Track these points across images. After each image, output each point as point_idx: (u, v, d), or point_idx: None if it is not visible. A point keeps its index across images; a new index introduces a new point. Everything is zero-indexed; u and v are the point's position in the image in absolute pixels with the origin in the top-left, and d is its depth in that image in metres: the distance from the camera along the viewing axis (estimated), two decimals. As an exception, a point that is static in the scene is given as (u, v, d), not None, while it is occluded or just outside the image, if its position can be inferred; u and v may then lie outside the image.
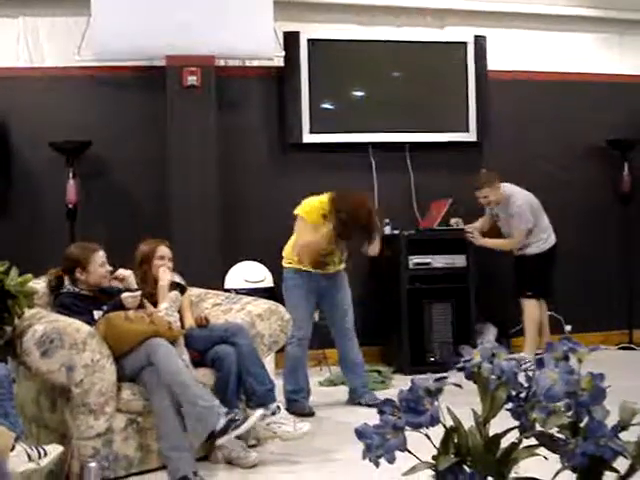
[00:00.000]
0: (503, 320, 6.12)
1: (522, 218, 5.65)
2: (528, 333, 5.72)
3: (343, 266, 4.84)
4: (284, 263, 4.80)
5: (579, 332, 6.21)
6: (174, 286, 4.21)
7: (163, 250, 4.20)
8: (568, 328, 6.35)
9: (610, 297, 6.52)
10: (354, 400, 4.85)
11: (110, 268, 3.96)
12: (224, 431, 3.41)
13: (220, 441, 3.46)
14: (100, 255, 3.91)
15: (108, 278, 3.93)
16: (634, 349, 6.40)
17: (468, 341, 5.68)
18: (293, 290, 4.72)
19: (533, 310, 5.71)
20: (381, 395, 4.90)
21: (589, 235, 6.44)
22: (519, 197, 5.71)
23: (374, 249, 4.79)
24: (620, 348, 6.41)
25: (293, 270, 4.74)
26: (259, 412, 3.62)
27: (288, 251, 4.78)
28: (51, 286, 3.93)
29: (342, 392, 5.01)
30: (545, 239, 5.74)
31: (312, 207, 4.63)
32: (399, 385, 5.24)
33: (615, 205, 6.57)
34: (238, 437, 3.69)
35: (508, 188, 5.75)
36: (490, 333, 5.97)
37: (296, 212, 4.66)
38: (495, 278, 6.22)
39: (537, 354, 5.77)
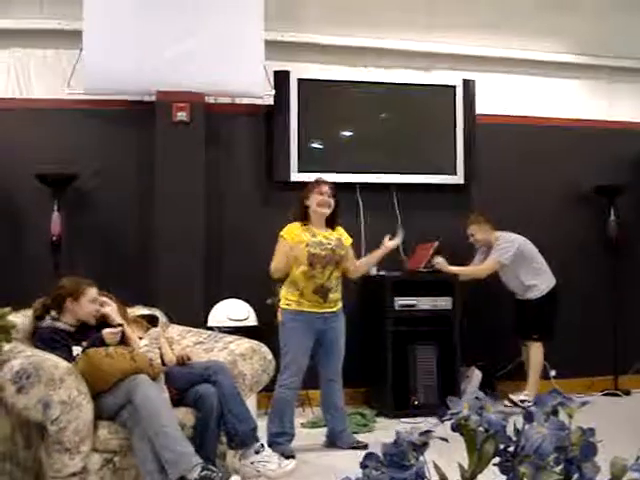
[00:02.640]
0: (488, 364, 6.08)
1: (500, 250, 5.83)
2: (533, 374, 5.86)
3: (341, 305, 4.76)
4: (281, 304, 4.70)
5: (564, 378, 6.18)
6: (148, 319, 4.16)
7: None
8: (553, 373, 6.31)
9: (595, 343, 6.49)
10: (332, 443, 4.80)
11: (98, 307, 3.90)
12: None
13: None
14: (93, 291, 3.88)
15: (95, 317, 3.88)
16: (619, 395, 6.36)
17: (453, 385, 5.64)
18: (291, 336, 4.60)
19: (539, 352, 5.88)
20: (364, 438, 4.84)
21: (575, 280, 6.42)
22: (508, 238, 5.89)
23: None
24: (605, 394, 6.37)
25: (290, 312, 4.63)
26: (235, 479, 3.50)
27: (285, 291, 4.70)
28: (36, 315, 3.86)
29: (324, 434, 4.94)
30: (541, 283, 5.91)
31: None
32: (382, 428, 5.19)
33: (602, 250, 6.58)
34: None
35: (501, 234, 5.92)
36: (475, 377, 5.94)
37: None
38: (481, 321, 6.19)
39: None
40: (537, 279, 5.92)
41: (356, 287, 5.86)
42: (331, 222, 4.76)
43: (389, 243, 4.93)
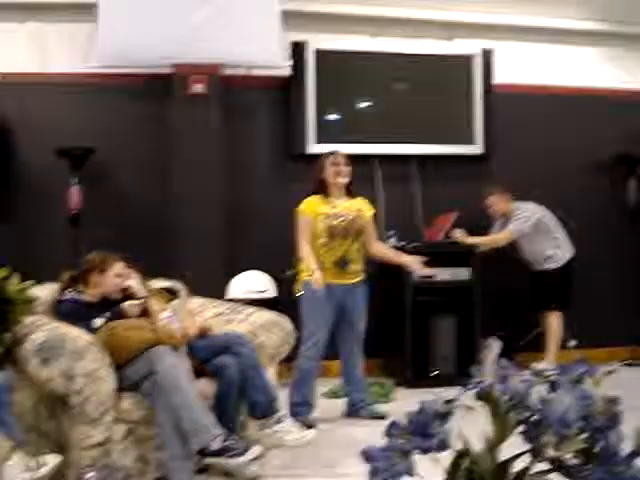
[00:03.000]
0: (507, 334, 6.08)
1: (519, 220, 5.87)
2: (552, 344, 5.94)
3: (363, 276, 4.76)
4: (302, 275, 4.69)
5: (584, 347, 6.17)
6: (168, 292, 4.19)
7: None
8: (573, 343, 6.30)
9: (616, 313, 6.46)
10: (352, 413, 4.83)
11: (123, 282, 3.91)
12: (217, 453, 3.34)
13: (209, 461, 3.39)
14: (120, 265, 3.90)
15: (119, 291, 3.89)
16: (639, 365, 6.34)
17: (472, 355, 5.65)
18: (310, 305, 4.61)
19: (557, 322, 5.95)
20: (383, 408, 4.86)
21: (595, 250, 6.39)
22: (527, 208, 5.92)
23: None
24: (625, 364, 6.34)
25: (310, 283, 4.61)
26: (257, 449, 3.51)
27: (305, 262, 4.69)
28: (62, 288, 3.89)
29: (344, 404, 4.97)
30: (560, 254, 5.96)
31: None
32: (401, 399, 5.21)
33: (622, 221, 6.54)
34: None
35: (520, 204, 5.94)
36: (494, 348, 5.94)
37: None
38: (499, 292, 6.17)
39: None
40: (556, 250, 5.93)
41: (375, 258, 5.88)
42: (349, 191, 4.75)
43: (414, 265, 4.89)
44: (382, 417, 4.65)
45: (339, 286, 4.62)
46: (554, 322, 5.93)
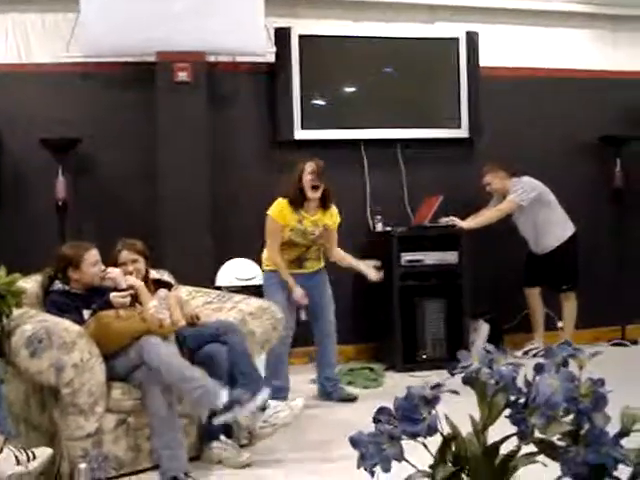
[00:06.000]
0: (496, 317, 6.11)
1: (517, 191, 5.84)
2: (569, 325, 5.97)
3: (323, 264, 4.92)
4: (264, 266, 4.90)
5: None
6: (161, 284, 4.19)
7: (123, 257, 4.12)
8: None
9: (602, 293, 6.49)
10: (322, 395, 4.93)
11: (103, 267, 3.92)
12: (227, 408, 3.42)
13: (222, 419, 3.44)
14: (93, 254, 3.87)
15: (100, 277, 3.89)
16: (626, 345, 6.39)
17: (461, 338, 5.68)
18: (272, 289, 4.78)
19: (574, 303, 5.99)
20: (374, 393, 4.88)
21: (581, 231, 6.41)
22: (525, 182, 5.90)
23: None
24: (613, 344, 6.40)
25: (272, 272, 4.80)
26: (266, 392, 3.61)
27: (267, 254, 4.84)
28: (43, 285, 3.89)
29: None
30: (567, 223, 5.98)
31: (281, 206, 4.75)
32: (391, 383, 5.24)
33: (607, 201, 6.56)
34: (228, 436, 3.68)
35: (519, 178, 5.93)
36: (483, 330, 5.97)
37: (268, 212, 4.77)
38: (487, 274, 6.20)
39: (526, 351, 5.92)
40: (563, 219, 5.97)
41: (362, 244, 5.90)
42: (324, 202, 4.81)
43: (372, 275, 5.04)
44: (353, 399, 4.80)
45: (297, 275, 4.76)
46: (572, 303, 5.97)
